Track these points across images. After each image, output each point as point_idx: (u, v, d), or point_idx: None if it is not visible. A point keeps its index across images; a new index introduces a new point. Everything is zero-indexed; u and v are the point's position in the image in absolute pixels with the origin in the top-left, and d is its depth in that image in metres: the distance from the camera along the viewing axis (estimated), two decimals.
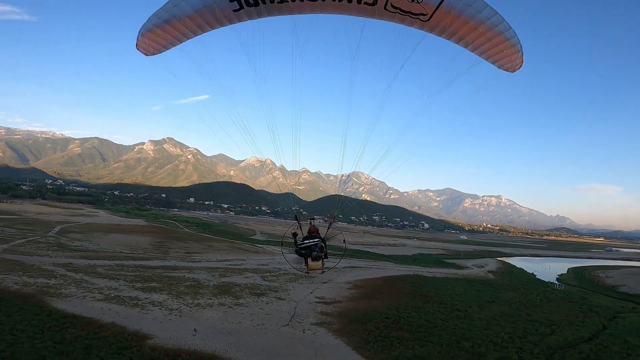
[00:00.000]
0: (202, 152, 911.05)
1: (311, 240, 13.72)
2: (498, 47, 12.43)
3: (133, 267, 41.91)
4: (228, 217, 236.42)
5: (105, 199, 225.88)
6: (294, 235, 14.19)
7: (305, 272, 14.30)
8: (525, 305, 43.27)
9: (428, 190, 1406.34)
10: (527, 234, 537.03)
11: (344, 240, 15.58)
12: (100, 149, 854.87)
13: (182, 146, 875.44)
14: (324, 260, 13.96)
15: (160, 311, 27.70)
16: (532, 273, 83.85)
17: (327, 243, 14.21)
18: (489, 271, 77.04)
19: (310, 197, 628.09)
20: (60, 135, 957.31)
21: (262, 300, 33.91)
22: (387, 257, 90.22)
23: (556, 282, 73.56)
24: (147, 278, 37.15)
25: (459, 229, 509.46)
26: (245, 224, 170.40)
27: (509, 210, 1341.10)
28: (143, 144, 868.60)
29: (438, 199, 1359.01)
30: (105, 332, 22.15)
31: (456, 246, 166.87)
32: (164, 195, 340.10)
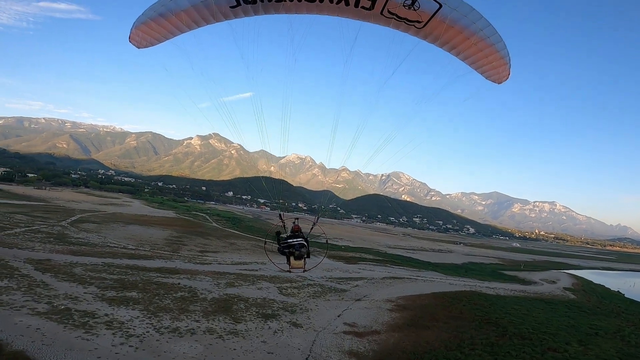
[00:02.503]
0: (245, 148, 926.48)
1: (294, 240, 13.47)
2: (488, 59, 12.13)
3: (122, 268, 34.19)
4: (263, 212, 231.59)
5: (146, 190, 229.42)
6: (278, 233, 14.07)
7: (287, 271, 14.04)
8: None
9: (473, 193, 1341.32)
10: (587, 243, 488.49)
11: (326, 240, 17.17)
12: (154, 142, 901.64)
13: (226, 141, 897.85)
14: (306, 259, 13.84)
15: (113, 337, 19.01)
16: (617, 291, 68.16)
17: (310, 241, 13.97)
18: (565, 288, 62.53)
19: (348, 196, 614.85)
20: (119, 130, 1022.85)
21: (269, 327, 24.44)
22: (434, 265, 77.84)
23: None
24: (129, 284, 29.00)
25: (508, 234, 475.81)
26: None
27: (564, 218, 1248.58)
28: (191, 138, 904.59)
29: (483, 202, 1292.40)
30: None
31: (511, 255, 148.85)
32: (204, 188, 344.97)
